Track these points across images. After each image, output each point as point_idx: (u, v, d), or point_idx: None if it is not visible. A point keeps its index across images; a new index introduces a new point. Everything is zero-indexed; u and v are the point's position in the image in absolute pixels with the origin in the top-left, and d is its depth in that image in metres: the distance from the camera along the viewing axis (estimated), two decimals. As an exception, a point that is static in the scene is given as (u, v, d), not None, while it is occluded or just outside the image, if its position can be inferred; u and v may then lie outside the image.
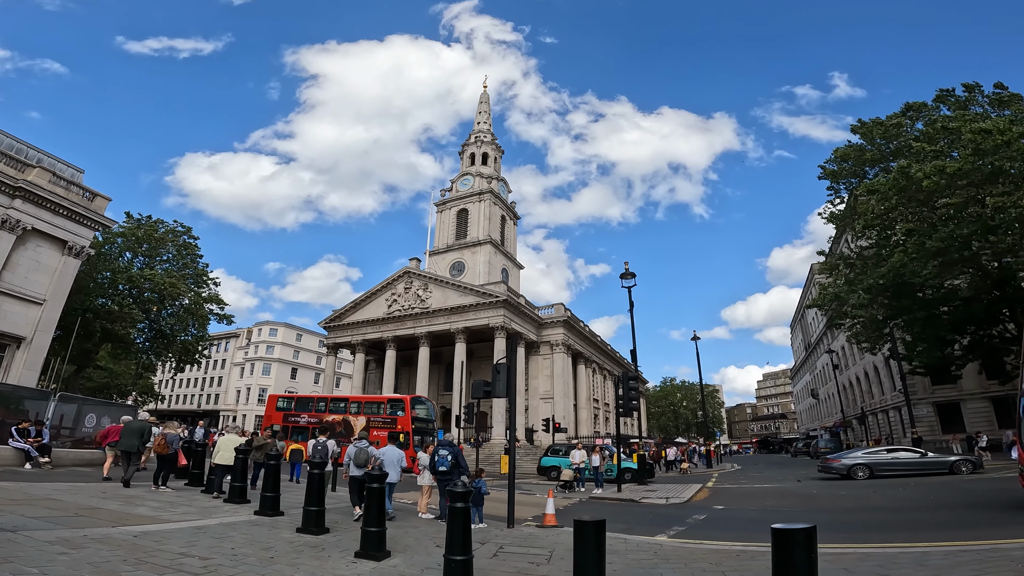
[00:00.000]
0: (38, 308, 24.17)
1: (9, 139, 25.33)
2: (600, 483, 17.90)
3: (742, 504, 14.22)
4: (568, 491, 16.94)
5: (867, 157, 28.77)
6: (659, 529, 9.74)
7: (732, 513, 12.45)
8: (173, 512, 7.99)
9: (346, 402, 29.52)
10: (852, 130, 29.48)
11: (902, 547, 6.96)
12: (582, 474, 17.98)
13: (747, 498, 15.66)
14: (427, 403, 29.94)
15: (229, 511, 8.57)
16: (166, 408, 68.46)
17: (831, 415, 62.60)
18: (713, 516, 11.79)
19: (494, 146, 64.40)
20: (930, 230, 21.80)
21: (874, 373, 44.22)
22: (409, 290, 45.75)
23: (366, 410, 27.64)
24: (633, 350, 19.51)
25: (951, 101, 26.21)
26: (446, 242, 57.57)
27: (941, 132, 23.08)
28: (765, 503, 14.28)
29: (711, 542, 8.15)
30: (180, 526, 6.92)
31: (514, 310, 42.61)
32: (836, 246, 43.18)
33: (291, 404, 30.46)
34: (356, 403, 29.26)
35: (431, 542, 7.35)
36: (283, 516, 8.25)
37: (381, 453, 9.40)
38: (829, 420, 62.10)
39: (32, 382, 22.80)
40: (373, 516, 6.26)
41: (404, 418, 25.63)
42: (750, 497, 15.88)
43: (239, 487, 9.47)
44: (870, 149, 28.28)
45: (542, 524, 9.61)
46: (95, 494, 9.01)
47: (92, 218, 26.10)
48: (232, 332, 74.79)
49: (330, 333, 49.66)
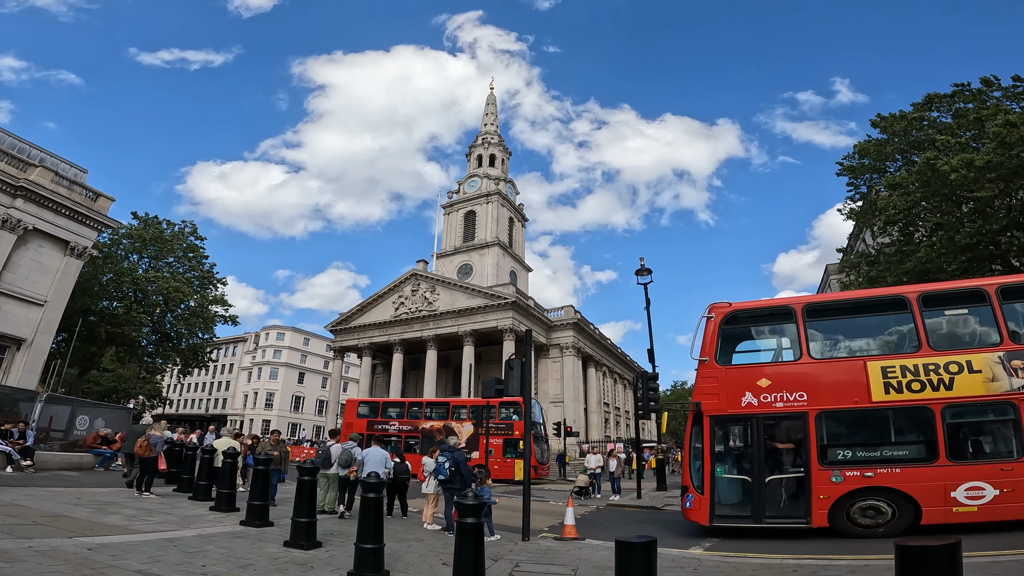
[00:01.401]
0: (39, 309, 23.65)
1: (11, 138, 24.96)
2: (618, 489, 17.07)
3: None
4: (584, 497, 16.02)
5: (887, 152, 27.90)
6: (691, 540, 8.74)
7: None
8: (148, 521, 7.15)
9: (447, 406, 25.93)
10: (872, 124, 28.58)
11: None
12: (597, 480, 17.10)
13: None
14: (538, 404, 27.18)
15: (212, 520, 7.71)
16: (174, 412, 68.12)
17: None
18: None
19: (501, 148, 63.72)
20: (958, 225, 20.93)
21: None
22: (416, 292, 44.99)
23: (472, 414, 23.85)
24: (650, 349, 18.48)
25: (967, 95, 25.44)
26: (453, 244, 56.83)
27: (973, 123, 22.22)
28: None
29: (755, 555, 7.15)
30: (149, 538, 6.06)
31: (523, 312, 41.67)
32: (854, 243, 42.40)
33: (376, 409, 26.57)
34: (460, 407, 25.28)
35: (437, 559, 6.44)
36: (272, 527, 7.37)
37: (364, 453, 8.61)
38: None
39: (32, 384, 22.23)
40: (370, 530, 5.36)
41: (521, 423, 21.67)
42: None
43: (227, 494, 8.61)
44: (891, 143, 27.40)
45: (561, 536, 8.65)
46: (69, 500, 8.21)
47: (95, 218, 25.62)
48: (240, 336, 74.61)
49: (337, 336, 48.99)
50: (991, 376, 7.81)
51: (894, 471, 7.87)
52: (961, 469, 7.71)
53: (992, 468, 7.71)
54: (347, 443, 8.82)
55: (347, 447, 8.58)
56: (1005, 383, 7.74)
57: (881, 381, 8.07)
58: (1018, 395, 7.69)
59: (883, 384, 8.07)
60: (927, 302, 8.43)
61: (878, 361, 8.27)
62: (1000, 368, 7.80)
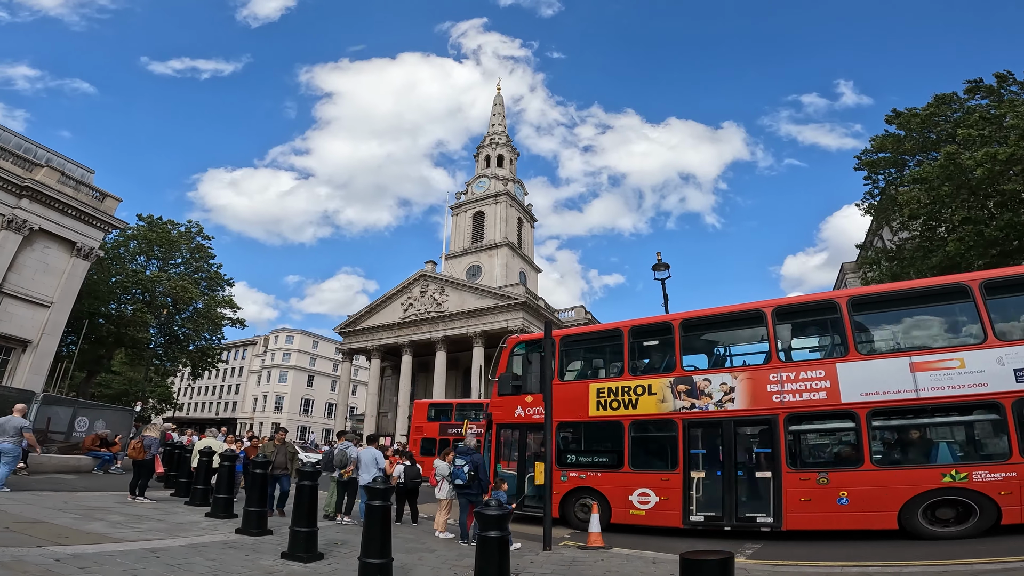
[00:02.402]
0: (45, 311, 23.34)
1: (17, 138, 24.75)
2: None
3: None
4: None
5: (906, 147, 27.30)
6: (731, 546, 7.97)
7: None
8: (133, 529, 6.52)
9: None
10: (887, 121, 28.20)
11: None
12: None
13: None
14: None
15: (206, 528, 7.07)
16: (184, 416, 68.13)
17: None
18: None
19: (509, 148, 63.11)
20: (987, 218, 20.18)
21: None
22: (425, 294, 44.40)
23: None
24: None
25: (981, 91, 24.88)
26: (462, 246, 56.21)
27: (992, 119, 21.63)
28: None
29: (808, 562, 6.39)
30: (130, 547, 5.43)
31: (533, 312, 40.92)
32: (871, 239, 41.91)
33: (449, 411, 23.71)
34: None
35: (451, 574, 5.74)
36: (270, 536, 6.71)
37: (359, 454, 8.01)
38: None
39: (38, 387, 21.90)
40: (376, 543, 4.68)
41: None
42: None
43: (223, 499, 7.97)
44: (910, 139, 26.84)
45: (586, 545, 7.93)
46: (55, 504, 7.62)
47: (102, 219, 25.33)
48: (249, 340, 74.62)
49: (345, 339, 48.51)
50: (662, 398, 9.17)
51: (597, 475, 9.44)
52: (636, 476, 9.02)
53: (655, 477, 8.85)
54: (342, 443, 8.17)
55: (342, 447, 7.92)
56: (671, 404, 9.06)
57: (595, 400, 9.74)
58: (680, 414, 8.90)
59: (596, 403, 9.72)
60: (634, 334, 10.05)
61: (595, 384, 10.02)
62: (669, 391, 9.13)
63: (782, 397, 8.20)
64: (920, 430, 7.87)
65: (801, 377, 8.20)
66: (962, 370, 7.33)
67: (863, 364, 7.95)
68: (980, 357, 7.33)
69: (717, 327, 10.14)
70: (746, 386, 8.52)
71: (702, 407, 8.75)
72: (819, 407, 8.05)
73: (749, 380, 8.56)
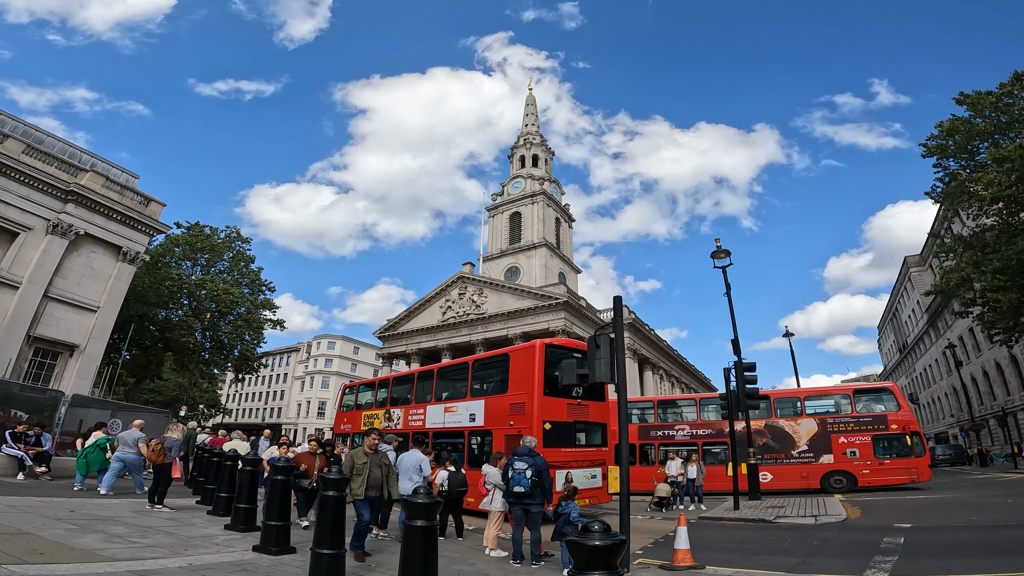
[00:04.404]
0: (92, 315, 23.47)
1: (61, 143, 25.20)
2: (700, 498, 14.75)
3: (929, 519, 10.40)
4: (664, 510, 13.62)
5: (978, 130, 24.74)
6: (848, 562, 6.31)
7: (939, 535, 8.61)
8: (133, 544, 5.45)
9: (766, 400, 17.41)
10: (956, 102, 26.05)
11: None
12: (680, 489, 14.66)
13: (924, 512, 11.67)
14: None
15: (221, 544, 5.95)
16: (233, 421, 69.73)
17: (936, 420, 54.59)
18: (915, 540, 8.03)
19: (543, 148, 61.78)
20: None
21: (996, 372, 37.43)
22: (463, 296, 43.45)
23: (811, 407, 17.61)
24: (734, 339, 15.84)
25: None
26: (499, 247, 55.14)
27: None
28: (970, 517, 10.33)
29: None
30: (114, 569, 4.32)
31: (575, 313, 39.27)
32: (940, 227, 38.85)
33: (651, 411, 19.58)
34: (786, 400, 18.15)
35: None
36: (292, 555, 5.53)
37: (399, 460, 6.78)
38: (936, 426, 54.14)
39: (85, 391, 22.00)
40: (416, 570, 3.40)
41: (903, 415, 16.69)
42: (927, 510, 11.86)
43: (244, 510, 6.85)
44: (980, 122, 24.32)
45: (671, 565, 6.38)
46: (57, 512, 6.70)
47: (147, 223, 25.43)
48: (293, 347, 75.99)
49: (385, 343, 48.16)
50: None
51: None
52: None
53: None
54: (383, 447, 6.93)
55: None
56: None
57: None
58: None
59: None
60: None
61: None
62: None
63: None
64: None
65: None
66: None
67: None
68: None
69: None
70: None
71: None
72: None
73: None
